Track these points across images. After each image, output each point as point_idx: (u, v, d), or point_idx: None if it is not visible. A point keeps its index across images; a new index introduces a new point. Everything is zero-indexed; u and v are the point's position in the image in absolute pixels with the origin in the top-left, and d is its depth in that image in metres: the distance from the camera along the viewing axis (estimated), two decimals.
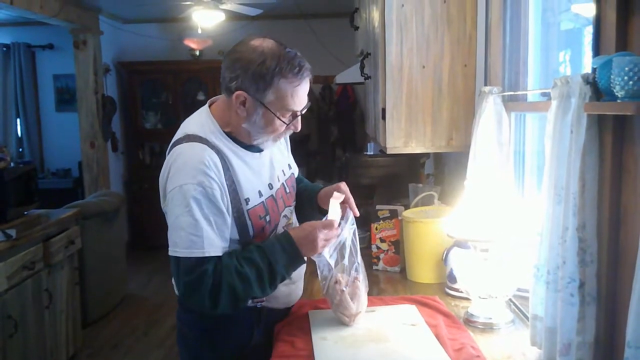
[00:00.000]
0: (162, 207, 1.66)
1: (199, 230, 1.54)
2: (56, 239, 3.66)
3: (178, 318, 1.83)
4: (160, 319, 4.72)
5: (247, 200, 1.64)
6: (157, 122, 7.20)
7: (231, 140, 1.65)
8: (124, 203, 5.48)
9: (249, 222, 1.65)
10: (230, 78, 1.57)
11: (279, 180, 1.79)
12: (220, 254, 1.57)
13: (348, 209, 1.73)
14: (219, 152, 1.60)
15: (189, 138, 1.63)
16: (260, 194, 1.69)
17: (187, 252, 1.54)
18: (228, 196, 1.59)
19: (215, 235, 1.56)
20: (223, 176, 1.58)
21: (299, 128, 1.68)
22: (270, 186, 1.74)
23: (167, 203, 1.59)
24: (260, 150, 1.71)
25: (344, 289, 1.69)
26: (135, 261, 6.29)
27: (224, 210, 1.58)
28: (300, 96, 1.60)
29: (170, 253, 1.57)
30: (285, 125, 1.62)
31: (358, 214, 1.75)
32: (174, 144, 1.66)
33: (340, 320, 1.72)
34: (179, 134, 1.68)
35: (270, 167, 1.76)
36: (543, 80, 2.06)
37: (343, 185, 1.77)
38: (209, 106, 1.72)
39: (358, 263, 1.73)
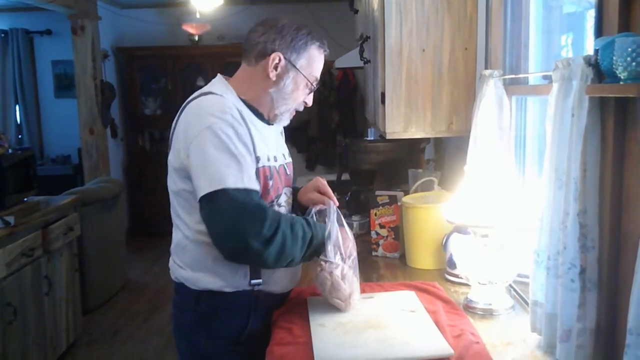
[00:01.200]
0: (174, 163, 1.64)
1: (239, 165, 1.54)
2: (55, 225, 3.65)
3: (174, 305, 1.81)
4: (161, 305, 4.72)
5: (258, 159, 1.64)
6: (157, 108, 7.17)
7: (246, 107, 1.67)
8: (124, 190, 5.47)
9: (258, 179, 1.64)
10: (264, 42, 1.66)
11: (283, 159, 1.81)
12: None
13: (330, 203, 1.75)
14: (236, 108, 1.63)
15: (205, 94, 1.66)
16: (268, 159, 1.70)
17: (236, 183, 1.52)
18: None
19: (253, 174, 1.59)
20: (243, 125, 1.61)
21: (311, 103, 1.79)
22: (275, 159, 1.75)
23: (193, 148, 1.56)
24: (269, 124, 1.74)
25: (335, 270, 1.67)
26: (135, 248, 6.29)
27: (251, 151, 1.60)
28: (321, 66, 1.74)
29: (209, 189, 1.51)
30: (307, 94, 1.74)
31: (337, 204, 1.77)
32: (187, 102, 1.68)
33: (337, 306, 1.70)
34: (192, 96, 1.70)
35: (275, 143, 1.79)
36: (545, 64, 2.03)
37: (319, 181, 1.83)
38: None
39: (341, 248, 1.71)
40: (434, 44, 2.32)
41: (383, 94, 2.38)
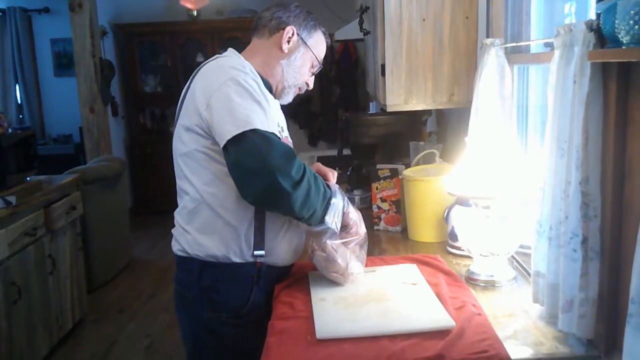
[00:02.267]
0: (185, 123, 1.64)
1: (264, 112, 1.57)
2: (57, 204, 3.65)
3: (176, 281, 1.81)
4: (166, 282, 4.74)
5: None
6: (157, 86, 7.12)
7: (259, 76, 1.70)
8: (126, 168, 5.46)
9: None
10: (279, 17, 1.77)
11: (286, 132, 1.82)
12: None
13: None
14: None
15: (222, 57, 1.72)
16: (279, 125, 1.74)
17: (264, 126, 1.53)
18: None
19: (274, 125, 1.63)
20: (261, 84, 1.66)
21: (312, 85, 1.89)
22: (282, 129, 1.77)
23: (216, 99, 1.56)
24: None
25: (328, 245, 1.67)
26: (139, 226, 6.31)
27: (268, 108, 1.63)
28: (324, 50, 1.87)
29: (237, 131, 1.50)
30: (311, 75, 1.85)
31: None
32: (201, 66, 1.72)
33: (336, 281, 1.70)
34: (206, 61, 1.73)
35: (280, 116, 1.82)
36: (548, 33, 1.99)
37: (318, 165, 1.84)
38: None
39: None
40: (434, 13, 2.28)
41: (383, 66, 2.35)
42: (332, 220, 1.64)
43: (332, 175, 1.77)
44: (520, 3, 2.09)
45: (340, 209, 1.66)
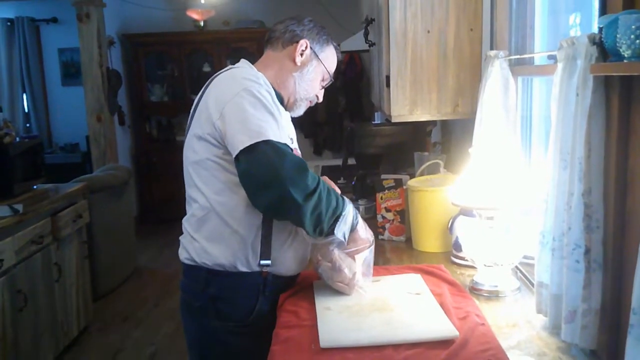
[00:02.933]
0: (197, 132, 1.66)
1: (277, 123, 1.59)
2: (64, 213, 3.68)
3: (182, 289, 1.82)
4: (171, 291, 4.76)
5: None
6: (163, 95, 7.16)
7: (271, 87, 1.71)
8: (132, 177, 5.49)
9: None
10: (293, 30, 1.80)
11: (295, 144, 1.84)
12: None
13: None
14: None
15: (235, 67, 1.74)
16: (289, 137, 1.75)
17: (276, 137, 1.55)
18: None
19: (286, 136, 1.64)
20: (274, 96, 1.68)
21: (322, 99, 1.90)
22: (292, 141, 1.79)
23: (229, 109, 1.58)
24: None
25: (336, 254, 1.68)
26: (145, 235, 6.33)
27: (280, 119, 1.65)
28: (335, 66, 1.89)
29: (249, 142, 1.52)
30: (321, 87, 1.87)
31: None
32: (214, 76, 1.74)
33: (342, 290, 1.71)
34: (220, 71, 1.75)
35: (290, 127, 1.83)
36: (552, 44, 2.01)
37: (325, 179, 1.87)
38: None
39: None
40: (439, 25, 2.30)
41: (388, 77, 2.36)
42: (341, 232, 1.65)
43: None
44: (524, 16, 2.11)
45: (350, 223, 1.67)
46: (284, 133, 1.63)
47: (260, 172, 1.53)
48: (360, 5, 4.27)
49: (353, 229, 1.68)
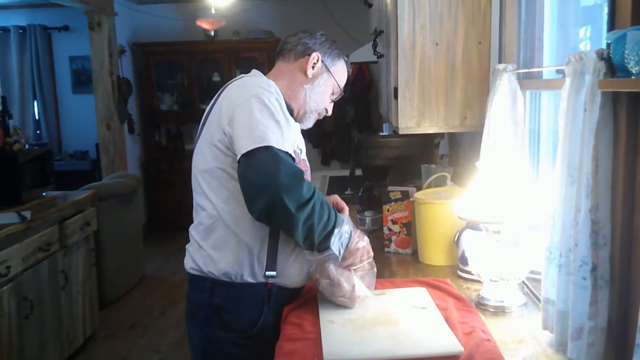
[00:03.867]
0: (209, 139, 1.67)
1: (281, 132, 1.59)
2: (72, 220, 3.69)
3: (188, 299, 1.82)
4: (177, 299, 4.75)
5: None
6: (173, 104, 7.20)
7: (281, 96, 1.72)
8: (141, 185, 5.51)
9: None
10: (306, 43, 1.82)
11: (304, 155, 1.86)
12: None
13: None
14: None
15: (248, 76, 1.77)
16: (298, 146, 1.78)
17: (279, 145, 1.55)
18: None
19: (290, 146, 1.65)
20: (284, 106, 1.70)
21: (331, 112, 1.92)
22: (300, 151, 1.81)
23: (238, 113, 1.60)
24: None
25: (333, 270, 1.67)
26: (152, 243, 6.34)
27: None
28: (345, 79, 1.92)
29: (251, 147, 1.53)
30: (331, 101, 1.89)
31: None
32: (228, 84, 1.77)
33: (345, 305, 1.70)
34: (233, 79, 1.78)
35: (299, 139, 1.85)
36: (561, 58, 2.00)
37: (336, 197, 1.92)
38: None
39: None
40: (448, 38, 2.30)
41: (396, 89, 2.36)
42: (336, 246, 1.64)
43: (346, 211, 1.84)
44: (532, 29, 2.10)
45: (346, 238, 1.67)
46: (289, 142, 1.64)
47: (256, 177, 1.54)
48: (370, 16, 4.28)
49: (347, 246, 1.68)
